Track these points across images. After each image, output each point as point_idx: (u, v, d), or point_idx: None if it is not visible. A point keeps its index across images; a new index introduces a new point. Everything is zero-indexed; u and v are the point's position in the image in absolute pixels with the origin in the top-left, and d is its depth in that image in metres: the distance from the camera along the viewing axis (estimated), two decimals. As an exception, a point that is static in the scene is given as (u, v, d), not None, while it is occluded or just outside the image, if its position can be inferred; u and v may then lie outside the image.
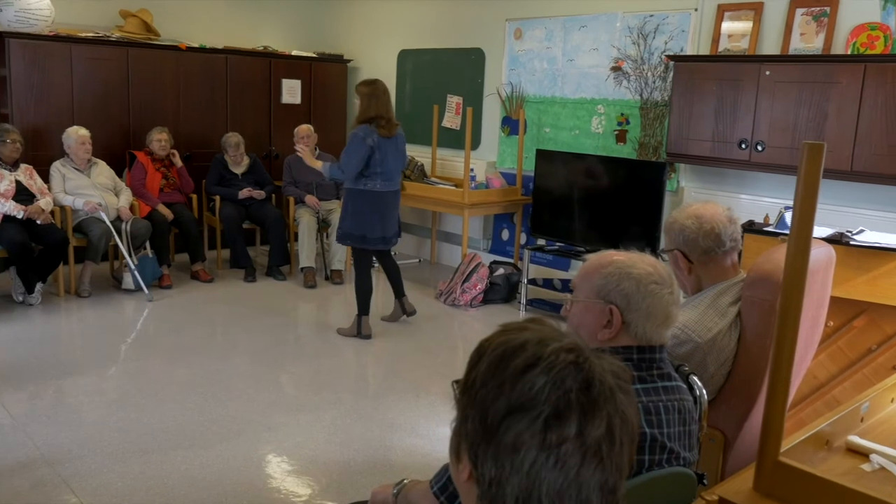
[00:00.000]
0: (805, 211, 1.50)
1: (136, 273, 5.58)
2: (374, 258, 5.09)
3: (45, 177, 5.61)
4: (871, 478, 1.74)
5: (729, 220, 2.18)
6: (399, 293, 5.25)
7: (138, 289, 5.59)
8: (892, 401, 2.11)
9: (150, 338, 4.98)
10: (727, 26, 4.97)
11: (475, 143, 6.66)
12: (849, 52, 4.43)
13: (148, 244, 5.75)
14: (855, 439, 1.85)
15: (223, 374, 4.27)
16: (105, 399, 3.87)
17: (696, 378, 1.84)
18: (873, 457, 1.78)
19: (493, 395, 0.86)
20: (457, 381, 0.95)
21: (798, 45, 4.66)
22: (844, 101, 4.22)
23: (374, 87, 4.75)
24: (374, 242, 4.83)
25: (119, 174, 6.09)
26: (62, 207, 5.56)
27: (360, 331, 4.95)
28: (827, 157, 4.51)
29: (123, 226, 5.60)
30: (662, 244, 2.28)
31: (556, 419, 0.82)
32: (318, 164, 4.92)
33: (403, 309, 5.27)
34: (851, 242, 2.96)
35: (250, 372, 4.34)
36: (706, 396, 1.85)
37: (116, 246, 5.66)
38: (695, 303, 2.14)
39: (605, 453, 0.84)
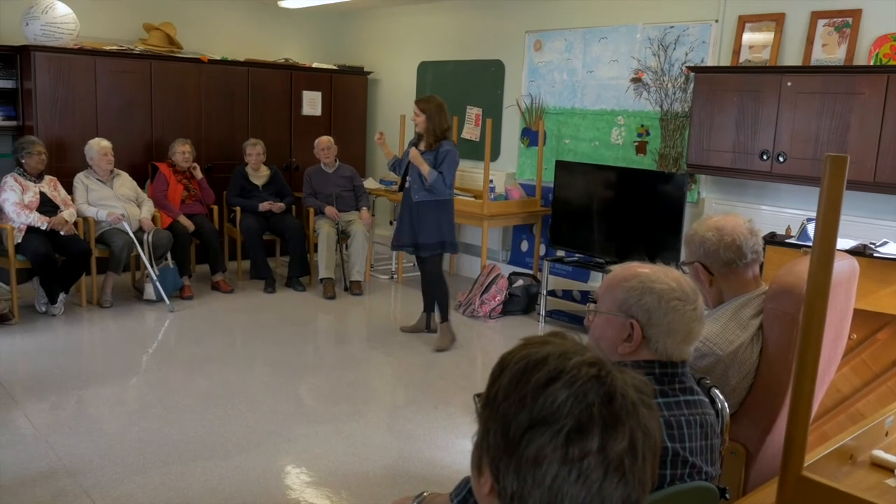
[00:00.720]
0: (828, 223, 1.48)
1: (157, 284, 5.63)
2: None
3: (69, 188, 5.69)
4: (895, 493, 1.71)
5: (750, 231, 2.16)
6: (430, 307, 5.28)
7: (159, 299, 5.65)
8: (918, 415, 2.08)
9: (171, 348, 5.02)
10: (748, 37, 4.95)
11: (494, 155, 6.67)
12: (871, 64, 4.40)
13: (169, 255, 5.80)
14: (880, 454, 1.83)
15: (243, 384, 4.29)
16: (126, 409, 3.90)
17: (717, 391, 1.83)
18: (899, 472, 1.76)
19: (515, 409, 0.86)
20: (478, 395, 0.95)
21: (820, 56, 4.63)
22: (867, 113, 4.19)
23: (437, 102, 4.87)
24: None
25: (141, 185, 6.16)
26: (85, 219, 5.62)
27: (454, 335, 5.10)
28: (850, 169, 4.44)
29: (145, 237, 5.66)
30: (683, 256, 2.27)
31: (579, 433, 0.82)
32: (426, 168, 4.83)
33: (428, 324, 5.29)
34: (875, 255, 2.93)
35: (270, 383, 4.36)
36: (728, 410, 1.84)
37: (138, 257, 5.72)
38: (716, 315, 2.12)
39: (628, 468, 0.83)
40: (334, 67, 7.72)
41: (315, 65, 7.63)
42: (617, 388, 0.85)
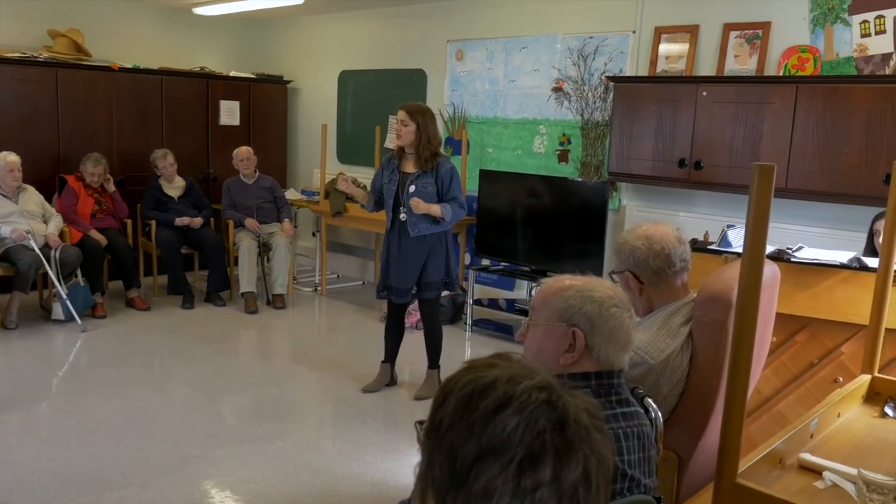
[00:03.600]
0: (757, 230, 1.50)
1: (67, 302, 5.34)
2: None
3: (-31, 203, 5.36)
4: (825, 495, 1.74)
5: (678, 240, 2.18)
6: (392, 356, 4.51)
7: (69, 319, 5.36)
8: (838, 416, 2.14)
9: (84, 371, 4.77)
10: (664, 48, 5.07)
11: (418, 164, 6.62)
12: (781, 74, 4.56)
13: (79, 272, 5.52)
14: (807, 457, 1.86)
15: (161, 406, 4.11)
16: (35, 437, 3.67)
17: (650, 401, 1.82)
18: (826, 474, 1.79)
19: (461, 438, 0.81)
20: (420, 422, 0.90)
21: (733, 67, 4.78)
22: (778, 121, 4.34)
23: (428, 109, 4.14)
24: None
25: (48, 199, 5.85)
26: (-13, 235, 5.31)
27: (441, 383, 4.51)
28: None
29: (52, 253, 5.37)
30: (613, 265, 2.28)
31: (531, 463, 0.78)
32: (437, 210, 4.09)
33: (391, 375, 4.53)
34: (792, 259, 3.01)
35: (190, 403, 4.19)
36: (661, 419, 1.84)
37: (45, 275, 5.43)
38: (647, 324, 2.13)
39: (582, 497, 0.79)
40: (253, 76, 7.55)
41: (232, 73, 7.45)
42: (569, 414, 0.81)
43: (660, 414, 1.82)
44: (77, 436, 3.68)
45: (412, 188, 4.10)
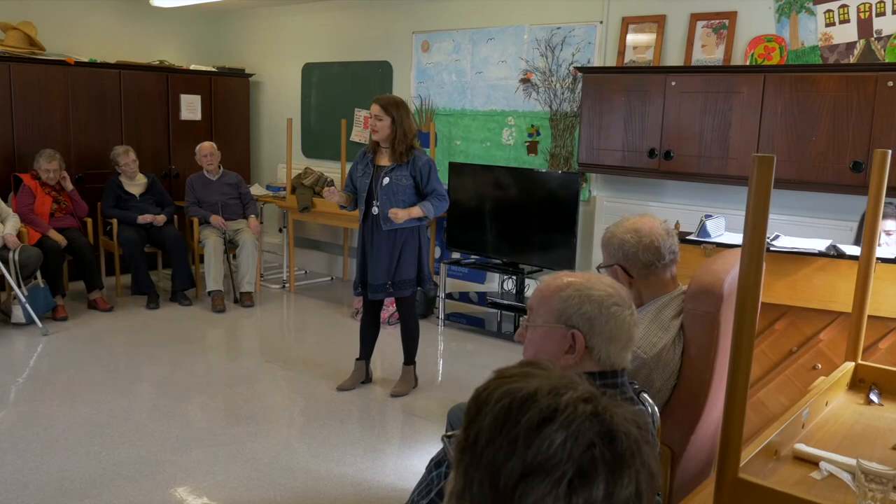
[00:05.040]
0: (757, 222, 1.48)
1: (26, 305, 5.17)
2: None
3: (-81, 205, 5.15)
4: (822, 486, 1.74)
5: (666, 232, 2.17)
6: (367, 354, 4.43)
7: (30, 322, 5.19)
8: (826, 404, 2.15)
9: (46, 376, 4.61)
10: (632, 38, 5.07)
11: (385, 158, 6.54)
12: (748, 63, 4.59)
13: (39, 273, 5.35)
14: (802, 447, 1.86)
15: (130, 411, 4.00)
16: (-2, 447, 3.54)
17: (647, 396, 1.80)
18: (823, 464, 1.79)
19: (503, 455, 0.76)
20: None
21: (700, 57, 4.79)
22: (746, 110, 4.37)
23: (403, 102, 4.02)
24: None
25: (4, 199, 5.65)
26: (-60, 237, 5.10)
27: (416, 381, 4.41)
28: (732, 164, 4.56)
29: (11, 255, 5.19)
30: (602, 260, 2.25)
31: (582, 480, 0.73)
32: (418, 211, 4.01)
33: (366, 373, 4.46)
34: (771, 248, 3.03)
35: (160, 407, 4.08)
36: (658, 414, 1.82)
37: (2, 277, 5.24)
38: (638, 318, 2.11)
39: None
40: (214, 69, 7.38)
41: (193, 67, 7.27)
42: (618, 427, 0.76)
43: (657, 409, 1.80)
44: (43, 444, 3.56)
45: (386, 180, 4.02)
